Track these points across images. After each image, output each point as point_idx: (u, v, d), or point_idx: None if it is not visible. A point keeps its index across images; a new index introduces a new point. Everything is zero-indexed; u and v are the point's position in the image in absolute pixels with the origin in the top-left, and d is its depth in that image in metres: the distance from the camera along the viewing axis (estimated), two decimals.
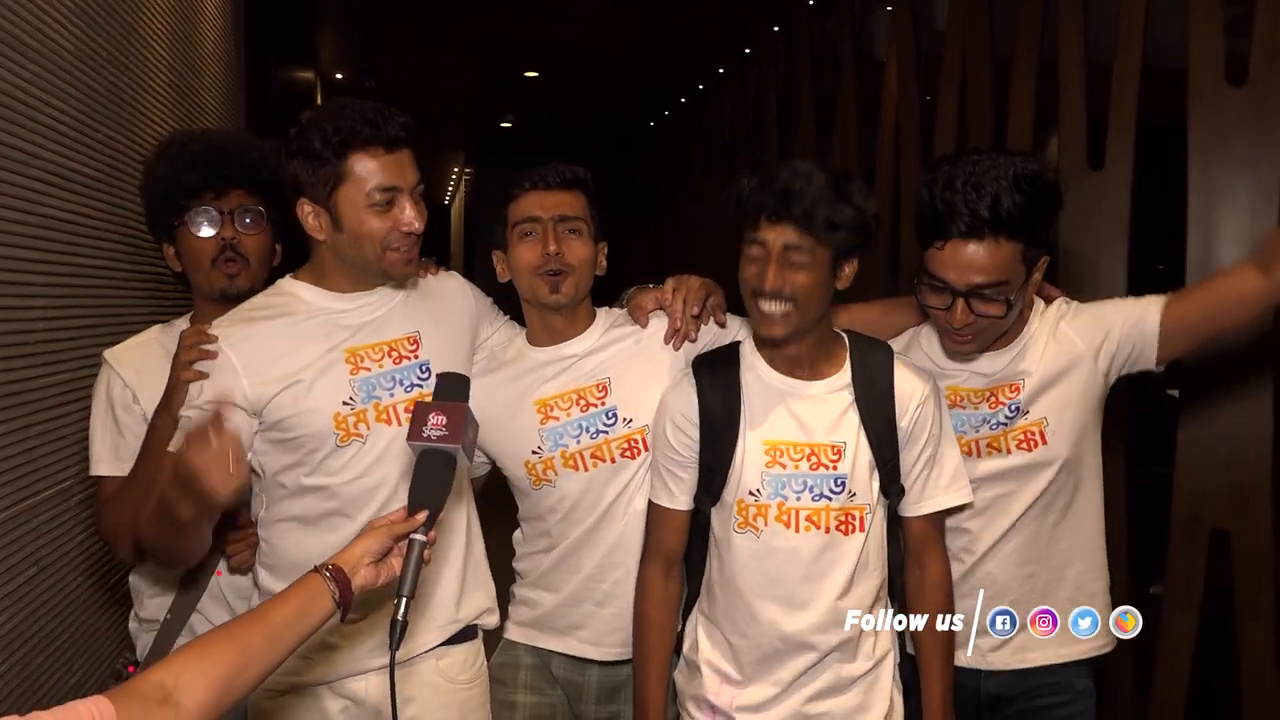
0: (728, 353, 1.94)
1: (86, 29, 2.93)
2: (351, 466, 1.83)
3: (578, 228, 1.98)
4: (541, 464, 1.99)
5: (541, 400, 1.99)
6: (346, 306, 1.88)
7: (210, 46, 4.80)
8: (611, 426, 1.98)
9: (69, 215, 2.78)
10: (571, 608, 2.04)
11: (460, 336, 2.00)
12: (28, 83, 2.47)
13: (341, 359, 1.84)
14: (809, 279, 1.76)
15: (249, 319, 1.86)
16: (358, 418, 1.83)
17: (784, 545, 1.84)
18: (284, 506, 1.87)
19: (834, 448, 1.84)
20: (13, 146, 2.40)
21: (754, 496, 1.84)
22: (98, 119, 3.03)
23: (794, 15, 8.08)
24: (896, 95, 6.22)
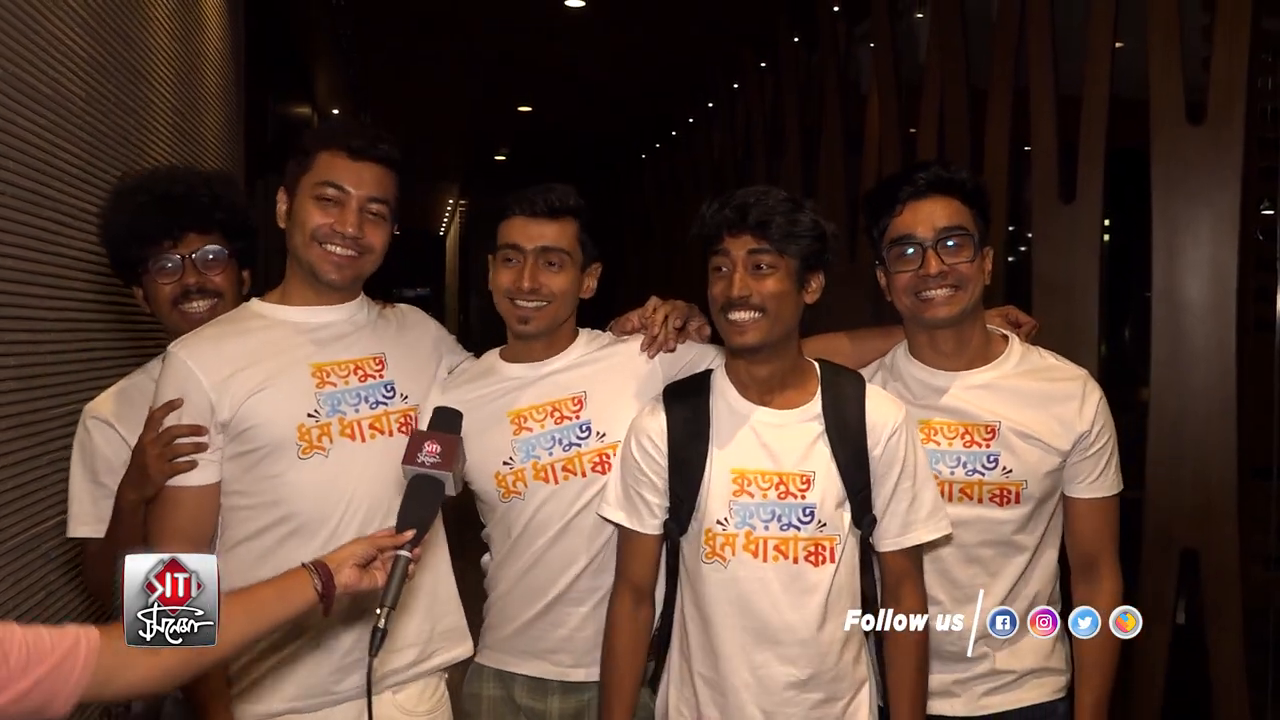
0: (699, 380, 1.93)
1: (97, 76, 3.07)
2: (312, 481, 1.80)
3: (559, 260, 1.96)
4: (512, 475, 1.96)
5: (516, 411, 1.98)
6: (309, 319, 1.87)
7: (211, 86, 4.95)
8: (585, 440, 1.97)
9: (79, 254, 2.91)
10: (536, 628, 2.00)
11: (424, 363, 2.01)
12: (42, 129, 2.60)
13: (307, 372, 1.83)
14: (776, 285, 1.76)
15: (210, 335, 1.81)
16: (321, 430, 1.81)
17: (751, 575, 1.80)
18: (242, 527, 1.82)
19: (803, 477, 1.81)
20: (27, 189, 2.52)
21: (721, 525, 1.81)
22: (106, 161, 3.16)
23: (780, 51, 8.27)
24: (879, 126, 6.38)
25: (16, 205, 2.44)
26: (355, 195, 1.81)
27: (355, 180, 1.81)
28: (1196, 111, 3.40)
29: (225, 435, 1.78)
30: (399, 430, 1.87)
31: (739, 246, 1.78)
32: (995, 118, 4.85)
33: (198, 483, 1.77)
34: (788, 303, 1.78)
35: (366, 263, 1.86)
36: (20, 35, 2.46)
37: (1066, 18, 4.40)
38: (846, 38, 7.17)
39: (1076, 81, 4.19)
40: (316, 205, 1.81)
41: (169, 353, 1.79)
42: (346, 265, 1.83)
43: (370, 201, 1.83)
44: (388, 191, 1.85)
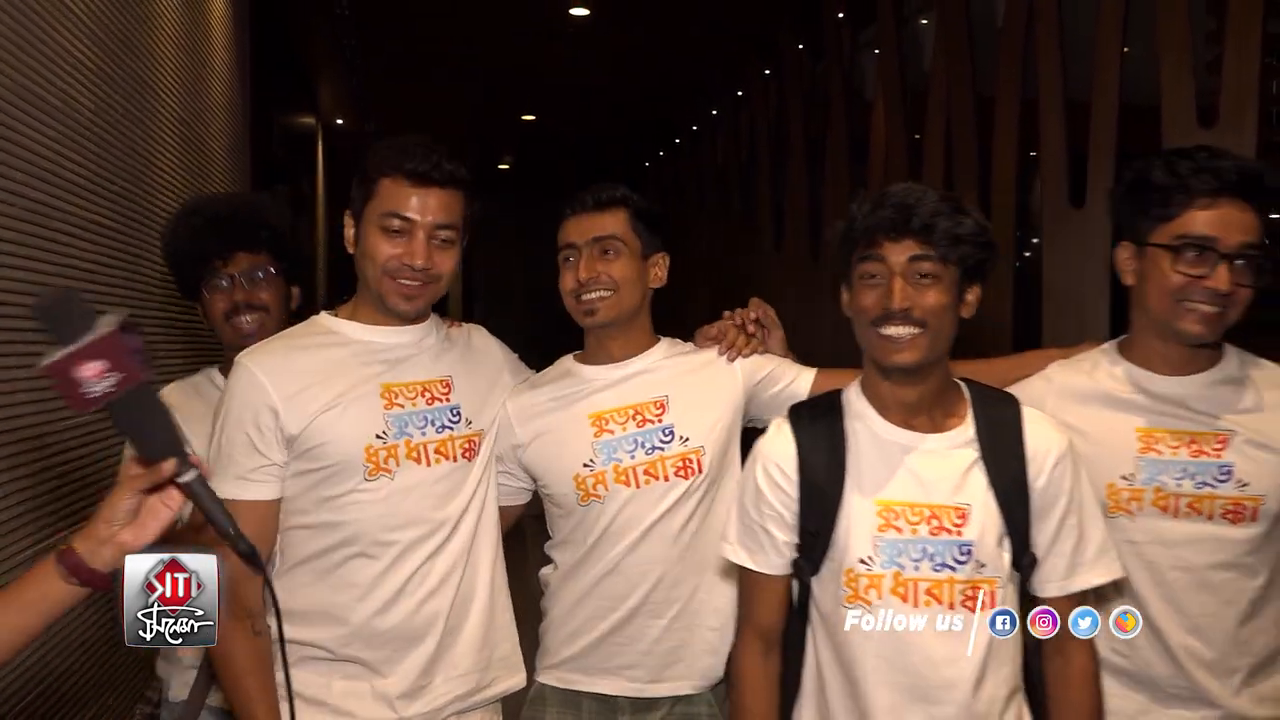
0: (828, 400, 1.73)
1: (104, 87, 3.06)
2: (377, 503, 1.77)
3: (614, 247, 1.93)
4: (593, 478, 1.91)
5: (597, 413, 1.93)
6: (379, 339, 1.85)
7: (217, 97, 4.95)
8: (668, 444, 1.91)
9: (89, 264, 2.90)
10: (611, 643, 1.93)
11: (490, 386, 1.96)
12: (51, 140, 2.60)
13: (376, 392, 1.80)
14: (939, 298, 1.57)
15: (279, 348, 1.82)
16: (389, 452, 1.78)
17: (902, 624, 1.59)
18: (302, 547, 1.80)
19: (958, 510, 1.59)
20: (36, 199, 2.51)
21: (865, 565, 1.60)
22: (114, 172, 3.16)
23: (785, 59, 8.28)
24: (885, 133, 6.38)
25: (25, 216, 2.44)
26: (421, 224, 1.77)
27: (420, 208, 1.77)
28: (1208, 115, 3.39)
29: (291, 451, 1.75)
30: (462, 455, 1.84)
31: (899, 253, 1.57)
32: (1003, 123, 4.84)
33: (259, 497, 1.73)
34: (948, 318, 1.59)
35: (436, 290, 1.83)
36: (29, 46, 2.46)
37: (1074, 23, 4.40)
38: (851, 44, 7.18)
39: (1085, 86, 4.19)
40: (384, 236, 1.77)
41: (237, 362, 1.78)
42: (417, 295, 1.80)
43: (437, 229, 1.78)
44: (454, 215, 1.80)
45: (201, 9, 4.69)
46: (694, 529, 1.91)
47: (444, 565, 1.81)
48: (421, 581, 1.79)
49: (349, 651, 1.76)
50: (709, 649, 1.93)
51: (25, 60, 2.43)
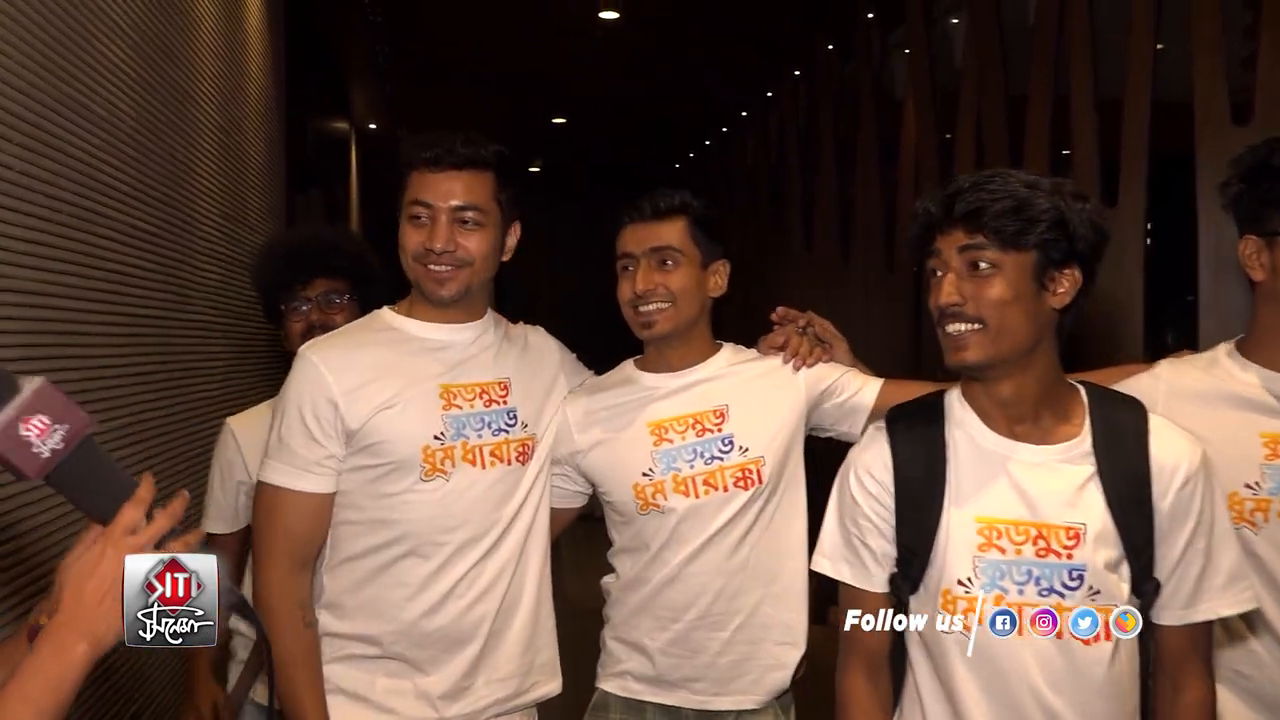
0: (929, 405, 1.60)
1: (146, 95, 3.13)
2: (431, 504, 1.78)
3: (672, 258, 1.89)
4: (652, 487, 1.89)
5: (656, 422, 1.91)
6: (437, 336, 1.85)
7: (253, 104, 5.03)
8: (727, 454, 1.88)
9: (131, 268, 2.96)
10: (672, 655, 1.90)
11: (547, 389, 1.96)
12: (95, 147, 2.66)
13: (435, 392, 1.80)
14: (1000, 291, 1.42)
15: (342, 342, 1.84)
16: (445, 454, 1.79)
17: (1007, 653, 1.45)
18: (352, 544, 1.80)
19: (1069, 530, 1.45)
20: (81, 206, 2.58)
21: (964, 587, 1.47)
22: (154, 178, 3.22)
23: (814, 60, 8.28)
24: (915, 134, 6.36)
25: (69, 221, 2.50)
26: (440, 208, 1.77)
27: (437, 193, 1.77)
28: (1242, 112, 3.36)
29: (349, 446, 1.76)
30: (517, 459, 1.85)
31: (949, 244, 1.46)
32: (1034, 123, 4.82)
33: (315, 489, 1.75)
34: (1017, 311, 1.43)
35: (471, 274, 1.80)
36: (73, 56, 2.52)
37: (1106, 21, 4.37)
38: (881, 45, 7.16)
39: (1116, 85, 4.17)
40: (411, 225, 1.79)
41: (300, 354, 1.80)
42: (449, 280, 1.79)
43: (459, 210, 1.77)
44: (478, 196, 1.78)
45: (239, 18, 4.77)
46: (755, 540, 1.88)
47: (494, 569, 1.81)
48: (471, 584, 1.79)
49: (395, 649, 1.77)
50: (775, 663, 1.90)
51: (69, 70, 2.50)
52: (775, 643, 1.90)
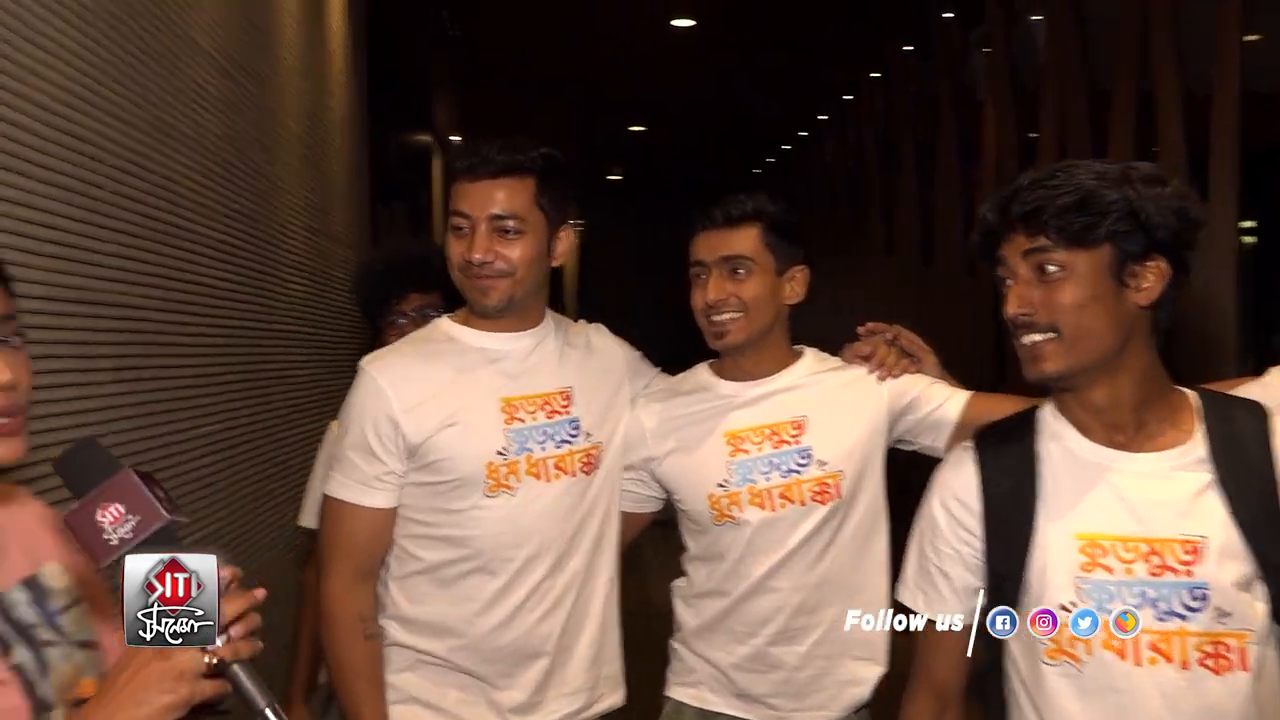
0: (1021, 420, 1.47)
1: (232, 116, 3.26)
2: (497, 519, 1.76)
3: (745, 266, 1.83)
4: (727, 498, 1.84)
5: (732, 432, 1.86)
6: (496, 346, 1.82)
7: (336, 120, 5.19)
8: (805, 467, 1.83)
9: (218, 282, 3.09)
10: (748, 670, 1.86)
11: (611, 394, 1.91)
12: (184, 167, 2.78)
13: (497, 406, 1.78)
14: (1074, 295, 1.30)
15: (402, 355, 1.83)
16: (510, 469, 1.77)
17: (1122, 686, 1.31)
18: (421, 556, 1.79)
19: (1187, 544, 1.31)
20: (170, 223, 2.70)
21: (1068, 613, 1.35)
22: (241, 195, 3.36)
23: (893, 62, 8.19)
24: (996, 134, 6.25)
25: (159, 238, 2.61)
26: (479, 218, 1.74)
27: (473, 202, 1.75)
28: None
29: (412, 462, 1.75)
30: (581, 471, 1.82)
31: (1013, 250, 1.34)
32: (1119, 119, 4.71)
33: (376, 505, 1.75)
34: (1094, 314, 1.31)
35: (513, 283, 1.75)
36: (164, 82, 2.64)
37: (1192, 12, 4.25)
38: (961, 44, 7.06)
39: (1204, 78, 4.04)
40: (453, 236, 1.78)
41: (361, 368, 1.80)
42: (492, 289, 1.75)
43: (498, 219, 1.73)
44: (517, 203, 1.74)
45: (322, 39, 4.93)
46: (834, 555, 1.83)
47: (563, 582, 1.79)
48: (541, 599, 1.78)
49: (465, 664, 1.77)
50: (853, 679, 1.87)
51: (160, 95, 2.62)
52: (854, 658, 1.86)
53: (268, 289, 3.68)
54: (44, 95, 1.96)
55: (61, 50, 2.04)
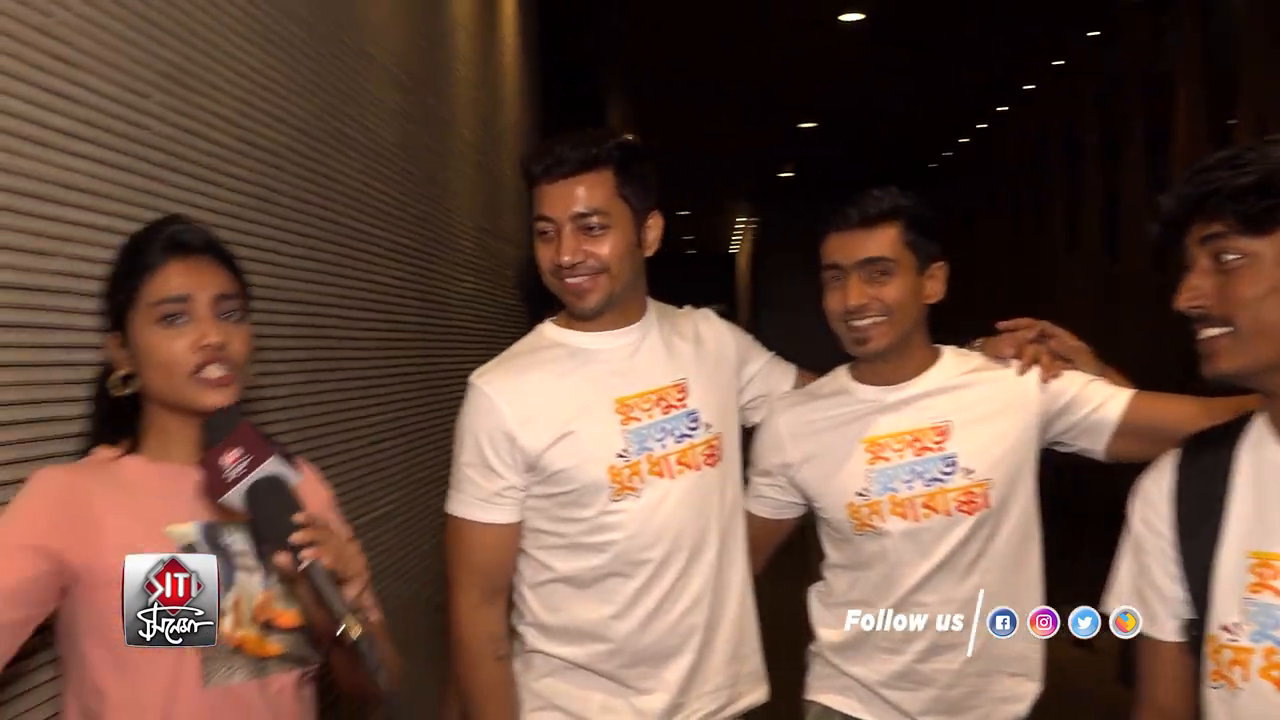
0: (1232, 426, 1.37)
1: (407, 125, 3.48)
2: (627, 523, 1.73)
3: (886, 268, 1.75)
4: (867, 508, 1.78)
5: (872, 439, 1.79)
6: (601, 345, 1.78)
7: (508, 125, 5.41)
8: (949, 475, 1.75)
9: (391, 281, 3.30)
10: (900, 685, 1.80)
11: (726, 380, 1.87)
12: (360, 172, 2.99)
13: (611, 409, 1.74)
14: (1252, 285, 1.20)
15: (511, 368, 1.79)
16: (632, 470, 1.73)
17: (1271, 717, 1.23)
18: (555, 565, 1.77)
19: None
20: (348, 225, 2.91)
21: (1229, 634, 1.25)
22: (415, 199, 3.57)
23: (1076, 49, 7.83)
24: (1188, 122, 5.89)
25: (337, 239, 2.82)
26: (562, 220, 1.68)
27: (554, 204, 1.69)
28: None
29: (533, 475, 1.73)
30: (705, 463, 1.78)
31: (1192, 237, 1.25)
32: None
33: (497, 520, 1.75)
34: (1275, 307, 1.20)
35: (609, 280, 1.71)
36: (342, 95, 2.86)
37: None
38: (1149, 28, 6.68)
39: None
40: (540, 241, 1.73)
41: (471, 384, 1.76)
42: (589, 291, 1.71)
43: (581, 218, 1.68)
44: (598, 197, 1.68)
45: (493, 47, 5.16)
46: (986, 567, 1.76)
47: (700, 578, 1.77)
48: (679, 597, 1.76)
49: (607, 668, 1.76)
50: (1009, 696, 1.80)
51: (338, 108, 2.83)
52: (1009, 675, 1.79)
53: (440, 287, 3.89)
54: (231, 110, 2.16)
55: (246, 69, 2.24)
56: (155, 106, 1.84)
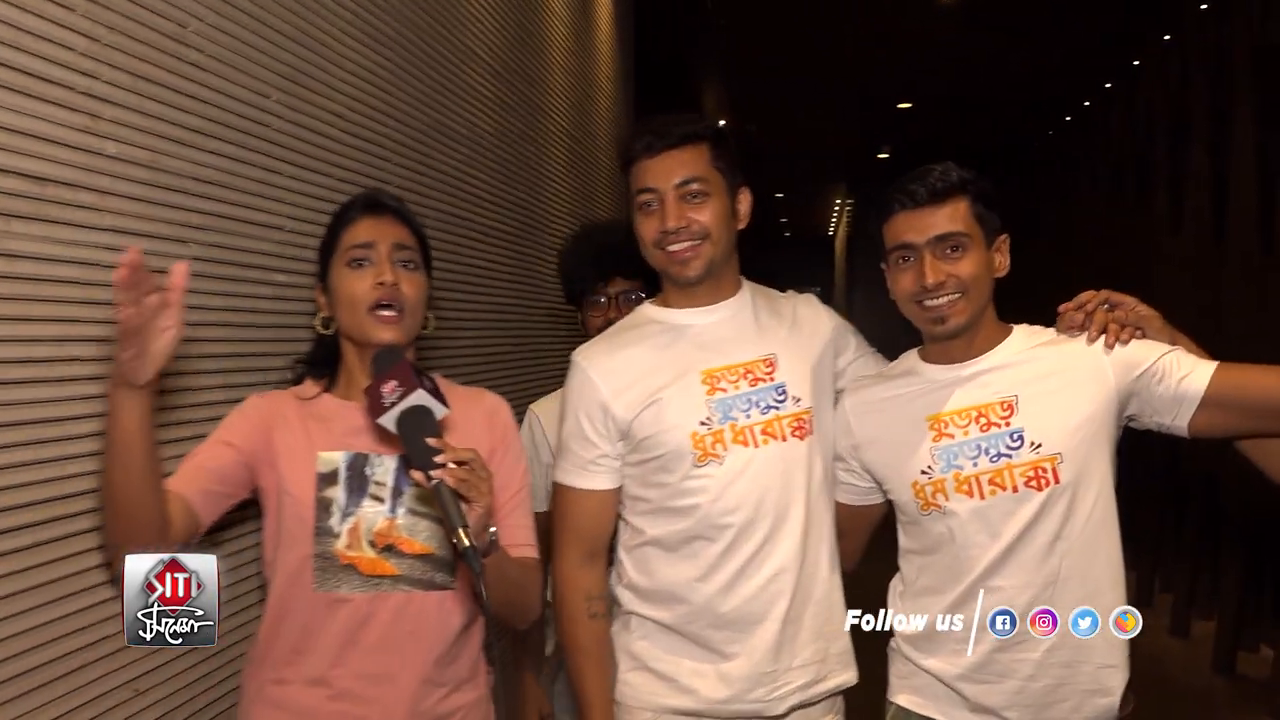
0: None
1: (503, 114, 3.62)
2: (709, 487, 1.81)
3: (960, 243, 1.75)
4: (931, 486, 1.77)
5: (936, 416, 1.79)
6: (693, 321, 1.89)
7: (602, 111, 5.53)
8: (1016, 450, 1.72)
9: (489, 264, 3.45)
10: (978, 678, 1.76)
11: (817, 361, 1.91)
12: (460, 162, 3.15)
13: (698, 380, 1.83)
14: None
15: (607, 344, 1.92)
16: (715, 438, 1.81)
17: None
18: (647, 529, 1.87)
19: None
20: (448, 211, 3.06)
21: None
22: (511, 185, 3.72)
23: (1186, 21, 7.57)
24: None
25: (440, 226, 2.98)
26: (666, 190, 1.80)
27: (657, 176, 1.81)
28: None
29: (626, 443, 1.85)
30: (792, 434, 1.84)
31: None
32: None
33: (595, 486, 1.87)
34: None
35: (711, 246, 1.82)
36: (440, 87, 3.01)
37: None
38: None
39: None
40: (642, 214, 1.84)
41: (573, 360, 1.91)
42: (692, 258, 1.82)
43: (683, 185, 1.80)
44: (699, 168, 1.81)
45: (589, 35, 5.28)
46: (1065, 549, 1.71)
47: (783, 549, 1.82)
48: (761, 564, 1.81)
49: (693, 630, 1.83)
50: (1098, 688, 1.74)
51: (438, 99, 2.98)
52: (1096, 665, 1.73)
53: (535, 271, 4.04)
54: (341, 106, 2.32)
55: (355, 67, 2.40)
56: (275, 105, 2.01)
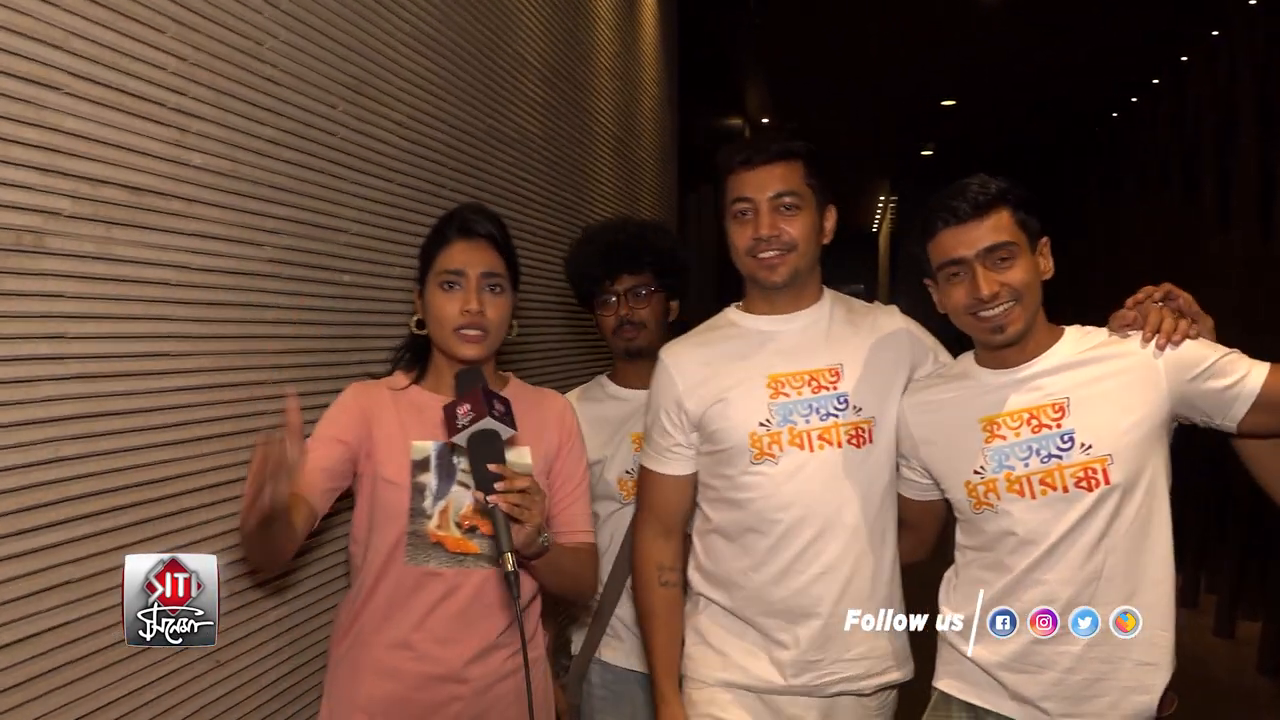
0: None
1: (550, 118, 3.72)
2: (763, 484, 1.92)
3: (1010, 253, 1.77)
4: (983, 485, 1.81)
5: (989, 418, 1.83)
6: (769, 327, 2.00)
7: (647, 113, 5.62)
8: (1066, 451, 1.75)
9: (538, 263, 3.55)
10: (1020, 667, 1.80)
11: (887, 374, 1.97)
12: (509, 164, 3.25)
13: (763, 383, 1.94)
14: None
15: (690, 343, 2.06)
16: (772, 439, 1.92)
17: None
18: (711, 517, 2.01)
19: None
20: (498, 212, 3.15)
21: None
22: (559, 186, 3.82)
23: (1234, 17, 7.49)
24: None
25: None
26: (761, 200, 1.91)
27: (755, 186, 1.92)
28: None
29: (699, 434, 1.99)
30: (848, 442, 1.92)
31: None
32: None
33: (670, 472, 2.02)
34: None
35: (797, 257, 1.94)
36: (490, 92, 3.11)
37: None
38: None
39: None
40: (736, 223, 1.95)
41: (659, 356, 2.05)
42: (779, 264, 1.93)
43: (778, 197, 1.92)
44: (793, 182, 1.92)
45: (634, 38, 5.37)
46: (1111, 547, 1.74)
47: (834, 548, 1.91)
48: (810, 562, 1.91)
49: (748, 614, 1.95)
50: (1137, 686, 1.76)
51: (491, 105, 3.09)
52: (1136, 662, 1.74)
53: None
54: (402, 115, 2.43)
55: (414, 77, 2.51)
56: (342, 115, 2.12)
